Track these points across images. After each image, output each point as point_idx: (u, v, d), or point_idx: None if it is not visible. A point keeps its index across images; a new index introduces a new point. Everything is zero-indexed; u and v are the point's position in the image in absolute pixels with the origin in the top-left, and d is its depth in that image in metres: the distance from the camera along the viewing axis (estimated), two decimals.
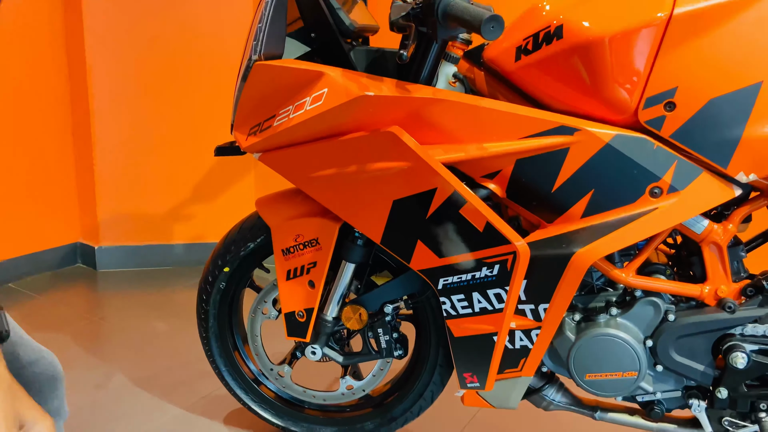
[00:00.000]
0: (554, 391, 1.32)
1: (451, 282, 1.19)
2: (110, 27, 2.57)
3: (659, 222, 1.08)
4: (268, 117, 1.24)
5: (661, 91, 1.04)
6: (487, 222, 1.11)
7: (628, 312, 1.19)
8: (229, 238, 1.49)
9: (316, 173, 1.22)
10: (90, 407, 1.71)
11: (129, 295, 2.53)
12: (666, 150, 1.06)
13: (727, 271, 1.15)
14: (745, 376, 1.14)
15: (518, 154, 1.10)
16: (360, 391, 1.50)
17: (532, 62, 1.10)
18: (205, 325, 1.54)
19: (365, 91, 1.09)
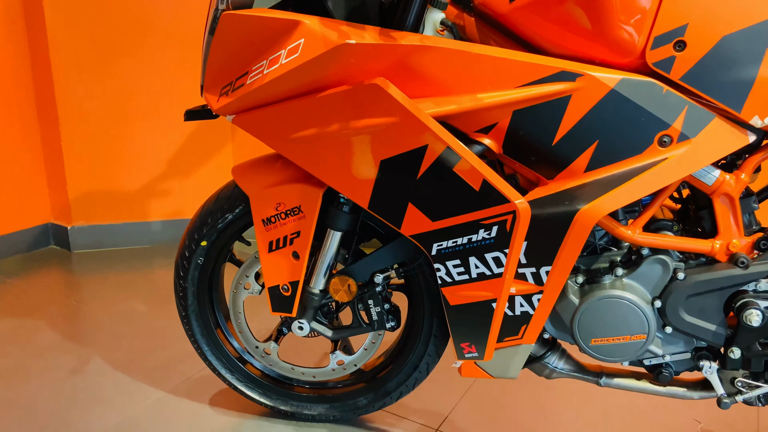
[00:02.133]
0: (557, 359, 1.26)
1: (446, 247, 1.10)
2: None
3: (669, 173, 1.00)
4: (240, 75, 1.13)
5: (671, 29, 0.95)
6: (484, 180, 1.02)
7: (634, 272, 1.12)
8: (206, 209, 1.39)
9: (296, 134, 1.12)
10: (68, 393, 1.62)
11: (106, 276, 2.42)
12: (676, 94, 0.98)
13: (739, 225, 1.08)
14: (759, 334, 1.07)
15: (515, 104, 1.01)
16: (351, 366, 1.42)
17: (528, 2, 1.00)
18: (184, 303, 1.45)
19: (346, 40, 0.99)
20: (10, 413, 1.54)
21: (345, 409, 1.48)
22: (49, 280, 2.39)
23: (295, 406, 1.50)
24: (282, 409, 1.51)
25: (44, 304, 2.18)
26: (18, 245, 2.60)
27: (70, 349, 1.86)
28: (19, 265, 2.53)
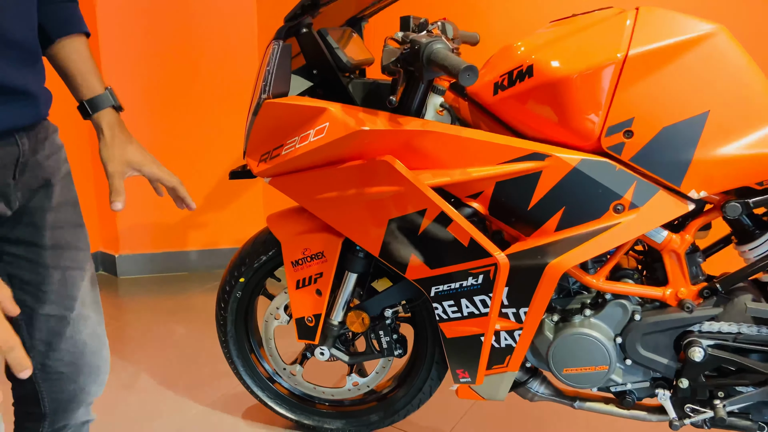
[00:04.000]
0: (538, 384, 1.48)
1: (442, 290, 1.34)
2: (125, 48, 2.72)
3: (622, 235, 1.23)
4: (276, 146, 1.39)
5: (620, 121, 1.19)
6: (471, 238, 1.26)
7: (599, 313, 1.34)
8: (244, 251, 1.65)
9: (320, 196, 1.38)
10: (121, 406, 1.88)
11: (149, 301, 2.70)
12: (626, 172, 1.21)
13: (685, 275, 1.30)
14: (702, 368, 1.29)
15: (497, 177, 1.25)
16: (365, 387, 1.66)
17: (508, 96, 1.25)
18: (224, 330, 1.71)
19: (362, 126, 1.25)
20: None
21: (359, 424, 1.71)
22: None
23: (316, 420, 1.74)
24: (305, 423, 1.74)
25: None
26: None
27: (121, 367, 2.13)
28: None
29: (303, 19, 1.32)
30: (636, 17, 1.20)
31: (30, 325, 0.90)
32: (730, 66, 1.17)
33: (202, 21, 2.76)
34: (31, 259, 0.88)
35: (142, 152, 0.99)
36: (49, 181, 0.88)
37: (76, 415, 1.00)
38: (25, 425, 0.98)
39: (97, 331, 0.98)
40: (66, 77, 0.96)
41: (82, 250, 0.95)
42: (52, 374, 0.93)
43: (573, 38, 1.21)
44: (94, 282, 0.98)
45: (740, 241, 1.31)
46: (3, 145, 0.79)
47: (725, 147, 1.18)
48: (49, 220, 0.89)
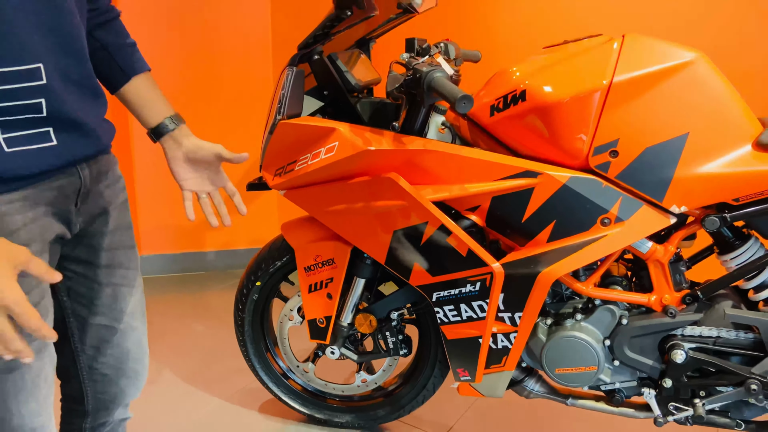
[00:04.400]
0: (533, 382, 1.58)
1: (443, 295, 1.45)
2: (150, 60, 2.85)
3: (609, 246, 1.33)
4: (290, 162, 1.51)
5: (606, 142, 1.29)
6: (469, 248, 1.37)
7: (589, 317, 1.44)
8: (260, 256, 1.77)
9: (330, 208, 1.49)
10: (147, 400, 2.01)
11: (169, 299, 2.83)
12: (612, 188, 1.31)
13: (669, 283, 1.40)
14: (684, 369, 1.39)
15: (493, 192, 1.36)
16: (373, 383, 1.78)
17: (503, 118, 1.35)
18: (242, 330, 1.83)
19: (368, 146, 1.36)
20: None
21: (367, 418, 1.83)
22: None
23: (327, 414, 1.86)
24: (317, 416, 1.87)
25: None
26: None
27: None
28: None
29: (315, 47, 1.43)
30: (621, 45, 1.29)
31: (82, 332, 1.01)
32: (708, 91, 1.26)
33: (220, 35, 2.88)
34: (87, 276, 0.99)
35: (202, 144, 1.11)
36: (106, 209, 1.00)
37: (115, 414, 1.11)
38: (70, 420, 1.10)
39: (141, 340, 1.09)
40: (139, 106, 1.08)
41: (132, 269, 1.06)
42: (97, 376, 1.05)
43: (563, 65, 1.31)
44: (141, 297, 1.09)
45: (721, 251, 1.40)
46: (67, 176, 0.89)
47: (704, 166, 1.27)
48: (105, 242, 1.00)
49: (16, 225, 0.82)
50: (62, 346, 1.02)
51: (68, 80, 0.86)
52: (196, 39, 2.87)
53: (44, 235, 0.86)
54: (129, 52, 1.06)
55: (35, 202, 0.84)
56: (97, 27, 1.03)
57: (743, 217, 1.30)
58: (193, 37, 2.87)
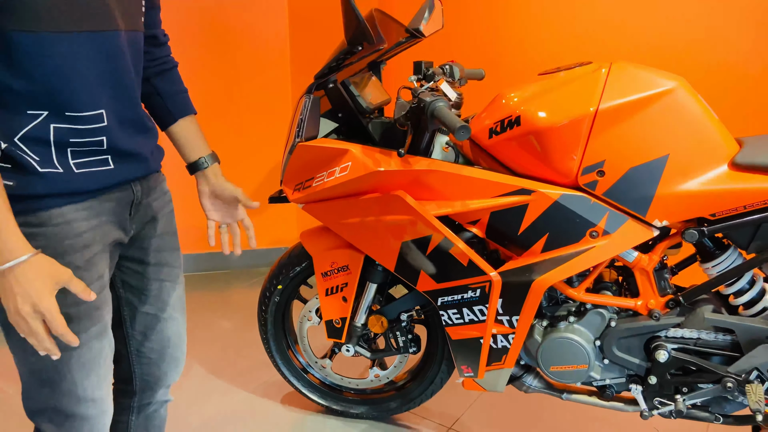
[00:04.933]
0: (531, 378, 1.73)
1: (447, 300, 1.60)
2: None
3: (597, 257, 1.46)
4: (307, 179, 1.66)
5: (594, 163, 1.42)
6: (469, 259, 1.52)
7: (581, 320, 1.58)
8: (281, 262, 1.93)
9: (344, 221, 1.64)
10: (180, 391, 2.19)
11: (196, 296, 3.01)
12: (600, 204, 1.44)
13: (654, 289, 1.53)
14: (667, 367, 1.52)
15: (491, 208, 1.50)
16: (385, 378, 1.93)
17: (501, 140, 1.49)
18: (265, 329, 2.00)
19: (378, 167, 1.50)
20: None
21: (380, 410, 1.99)
22: None
23: (343, 406, 2.02)
24: (334, 408, 2.03)
25: None
26: None
27: None
28: None
29: (330, 77, 1.58)
30: (608, 74, 1.42)
31: (132, 319, 1.22)
32: (687, 116, 1.39)
33: (240, 48, 3.04)
34: (138, 272, 1.19)
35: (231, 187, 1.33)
36: (155, 217, 1.19)
37: (158, 395, 1.30)
38: (121, 400, 1.30)
39: (180, 330, 1.28)
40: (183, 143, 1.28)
41: (177, 268, 1.26)
42: (144, 359, 1.24)
43: (554, 93, 1.44)
44: (182, 293, 1.28)
45: (703, 260, 1.53)
46: (122, 191, 1.10)
47: (683, 184, 1.40)
48: (154, 244, 1.19)
49: (81, 229, 1.02)
50: (117, 330, 1.23)
51: (124, 121, 1.06)
52: (215, 52, 3.03)
53: (104, 239, 1.06)
54: (180, 98, 1.27)
55: (98, 212, 1.04)
56: (155, 75, 1.24)
57: (720, 230, 1.42)
58: (212, 51, 3.03)
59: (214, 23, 2.99)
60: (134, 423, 1.31)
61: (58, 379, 1.04)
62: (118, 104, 1.04)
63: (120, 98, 1.04)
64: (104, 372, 1.08)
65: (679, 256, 2.40)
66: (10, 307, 0.90)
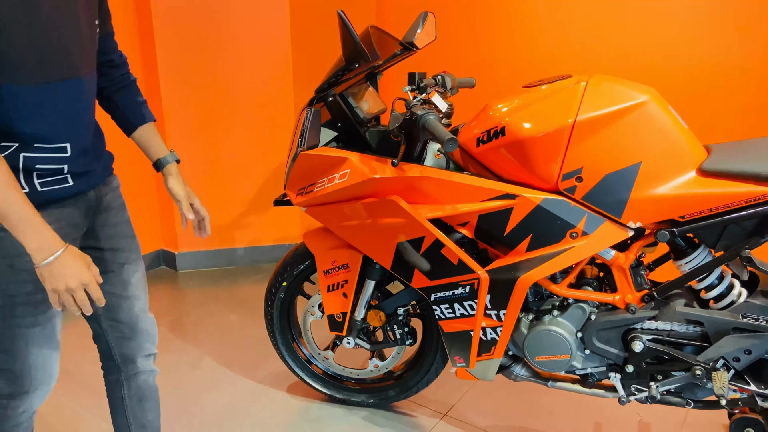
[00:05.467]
0: (519, 368, 1.86)
1: (439, 296, 1.73)
2: (183, 79, 3.15)
3: (576, 255, 1.59)
4: (309, 184, 1.79)
5: (573, 170, 1.54)
6: (459, 258, 1.64)
7: (564, 313, 1.71)
8: (286, 261, 2.06)
9: (344, 223, 1.77)
10: (191, 382, 2.34)
11: (205, 292, 3.16)
12: (579, 207, 1.57)
13: (630, 285, 1.65)
14: (643, 357, 1.65)
15: (479, 211, 1.62)
16: (384, 368, 2.07)
17: (487, 149, 1.61)
18: (271, 323, 2.13)
19: (375, 174, 1.63)
20: None
21: (379, 398, 2.12)
22: (163, 294, 3.15)
23: (345, 394, 2.16)
24: (336, 396, 2.17)
25: (163, 314, 2.93)
26: None
27: (189, 349, 2.59)
28: None
29: (329, 91, 1.70)
30: (586, 88, 1.54)
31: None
32: (657, 126, 1.51)
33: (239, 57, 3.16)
34: (97, 257, 1.39)
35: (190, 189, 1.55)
36: (107, 211, 1.39)
37: (140, 365, 1.49)
38: (110, 377, 1.50)
39: (144, 307, 1.48)
40: (144, 147, 1.51)
41: (133, 253, 1.45)
42: (117, 334, 1.44)
43: (537, 105, 1.56)
44: (143, 274, 1.48)
45: (676, 257, 1.65)
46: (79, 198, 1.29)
47: (654, 189, 1.52)
48: (108, 234, 1.39)
49: None
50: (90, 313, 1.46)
51: (83, 150, 1.28)
52: (215, 60, 3.16)
53: (65, 239, 1.26)
54: (138, 109, 1.48)
55: (57, 218, 1.24)
56: (114, 92, 1.47)
57: (689, 230, 1.54)
58: (212, 59, 3.15)
59: (215, 25, 3.11)
60: (127, 395, 1.51)
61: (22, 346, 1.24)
62: (79, 138, 1.25)
63: (81, 132, 1.25)
64: (55, 345, 1.30)
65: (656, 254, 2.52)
66: (60, 287, 1.12)
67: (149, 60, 3.16)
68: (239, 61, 3.17)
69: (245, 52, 3.16)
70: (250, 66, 3.18)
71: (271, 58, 3.19)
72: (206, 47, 3.13)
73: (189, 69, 3.14)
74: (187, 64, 3.13)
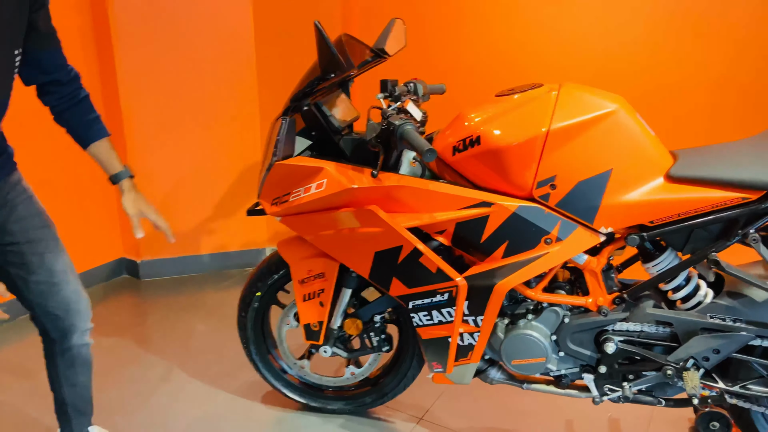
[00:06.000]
0: (495, 371, 1.89)
1: (417, 304, 1.74)
2: (142, 82, 3.07)
3: (551, 261, 1.62)
4: (284, 194, 1.77)
5: (547, 177, 1.57)
6: (438, 267, 1.66)
7: (538, 317, 1.74)
8: (260, 270, 2.04)
9: (321, 232, 1.76)
10: (163, 396, 2.29)
11: (170, 301, 3.09)
12: (553, 214, 1.60)
13: (602, 288, 1.70)
14: (615, 357, 1.70)
15: (457, 219, 1.64)
16: (360, 375, 2.07)
17: (463, 158, 1.63)
18: (245, 333, 2.11)
19: (352, 184, 1.63)
20: (118, 412, 2.21)
21: (356, 404, 2.12)
22: (126, 304, 3.07)
23: (321, 403, 2.15)
24: (312, 405, 2.16)
25: (127, 326, 2.85)
26: (99, 276, 3.29)
27: (156, 362, 2.53)
28: (101, 292, 3.21)
29: (304, 101, 1.69)
30: (557, 97, 1.57)
31: (27, 288, 1.53)
32: (626, 134, 1.55)
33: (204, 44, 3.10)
34: (16, 251, 1.49)
35: (146, 203, 1.65)
36: (14, 206, 1.48)
37: (75, 339, 1.63)
38: (48, 347, 1.66)
39: (77, 288, 1.59)
40: (99, 162, 1.60)
41: (51, 241, 1.54)
42: (51, 316, 1.57)
43: (511, 114, 1.59)
44: (67, 259, 1.57)
45: (644, 260, 1.70)
46: None
47: (625, 195, 1.57)
48: (20, 227, 1.48)
49: None
50: (21, 300, 1.56)
51: None
52: (176, 62, 3.09)
53: None
54: (90, 126, 1.55)
55: None
56: (65, 110, 1.52)
57: (658, 235, 1.60)
58: (173, 61, 3.09)
59: (175, 26, 3.04)
60: (61, 363, 1.66)
61: None
62: None
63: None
64: None
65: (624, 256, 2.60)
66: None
67: (107, 62, 3.07)
68: (200, 62, 3.11)
69: (207, 54, 3.11)
70: (211, 67, 3.13)
71: (234, 60, 3.14)
72: (166, 49, 3.06)
73: (148, 71, 3.06)
74: (147, 65, 3.05)
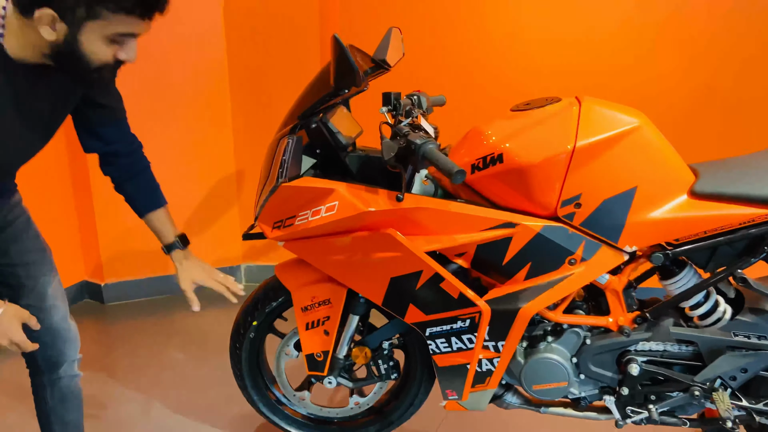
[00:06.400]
0: (511, 396, 1.81)
1: (435, 331, 1.65)
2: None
3: (576, 282, 1.56)
4: (289, 217, 1.64)
5: (572, 196, 1.51)
6: (460, 292, 1.57)
7: (559, 339, 1.68)
8: (256, 296, 1.90)
9: (331, 258, 1.65)
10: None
11: (139, 326, 2.88)
12: (577, 233, 1.54)
13: (623, 307, 1.65)
14: (638, 379, 1.65)
15: (479, 241, 1.56)
16: (366, 405, 1.96)
17: (483, 176, 1.55)
18: (239, 365, 1.96)
19: (368, 207, 1.52)
20: None
21: None
22: (90, 332, 2.84)
23: None
24: None
25: (92, 356, 2.63)
26: None
27: (133, 396, 2.34)
28: None
29: (312, 118, 1.57)
30: (579, 112, 1.51)
31: None
32: (650, 150, 1.51)
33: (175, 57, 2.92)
34: (11, 273, 1.45)
35: (202, 270, 1.66)
36: (12, 228, 1.45)
37: (64, 370, 1.57)
38: (35, 380, 1.58)
39: (64, 316, 1.55)
40: (153, 230, 1.61)
41: (46, 265, 1.51)
42: (39, 344, 1.41)
43: (533, 131, 1.52)
44: (59, 283, 1.55)
45: (663, 277, 1.67)
46: None
47: (650, 213, 1.52)
48: (17, 249, 1.46)
49: None
50: None
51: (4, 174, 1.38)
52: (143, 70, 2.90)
53: None
54: (149, 197, 1.58)
55: None
56: (124, 181, 1.55)
57: (684, 253, 1.56)
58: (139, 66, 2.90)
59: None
60: (50, 396, 1.59)
61: None
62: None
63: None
64: None
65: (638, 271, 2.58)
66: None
67: None
68: (169, 71, 2.93)
69: (175, 62, 2.93)
70: (180, 76, 2.95)
71: (204, 70, 2.97)
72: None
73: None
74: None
